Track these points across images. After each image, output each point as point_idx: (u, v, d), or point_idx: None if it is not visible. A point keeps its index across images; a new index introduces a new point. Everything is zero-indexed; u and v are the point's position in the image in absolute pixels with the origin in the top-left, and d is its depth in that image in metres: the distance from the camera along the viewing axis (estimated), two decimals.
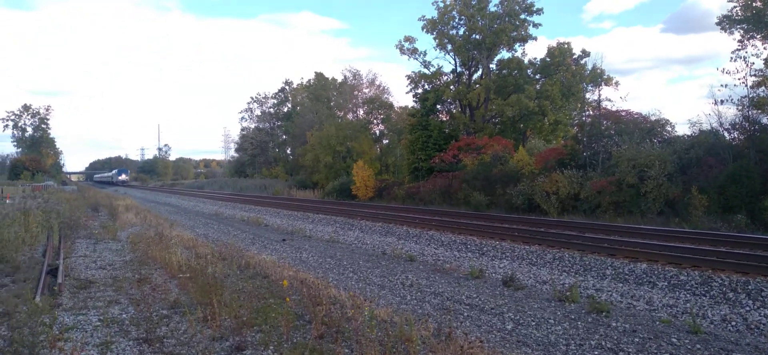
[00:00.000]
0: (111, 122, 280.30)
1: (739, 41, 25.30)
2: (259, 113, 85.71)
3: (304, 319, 7.63)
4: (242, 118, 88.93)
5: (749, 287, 9.58)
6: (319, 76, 68.11)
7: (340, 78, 65.53)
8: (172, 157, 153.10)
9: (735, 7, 25.57)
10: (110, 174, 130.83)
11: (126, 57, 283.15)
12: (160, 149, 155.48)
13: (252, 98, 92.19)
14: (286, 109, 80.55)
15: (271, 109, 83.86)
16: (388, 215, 24.08)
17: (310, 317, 7.49)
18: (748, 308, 8.85)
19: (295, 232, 21.35)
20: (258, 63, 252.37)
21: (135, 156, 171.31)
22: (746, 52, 24.67)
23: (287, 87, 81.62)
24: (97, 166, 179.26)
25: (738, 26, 25.66)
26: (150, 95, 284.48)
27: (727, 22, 26.04)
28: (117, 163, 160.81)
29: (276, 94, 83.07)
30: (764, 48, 24.73)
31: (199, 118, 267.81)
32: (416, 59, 43.65)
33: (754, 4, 24.99)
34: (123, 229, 19.72)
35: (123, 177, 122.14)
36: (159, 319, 7.69)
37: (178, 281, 10.12)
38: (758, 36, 24.88)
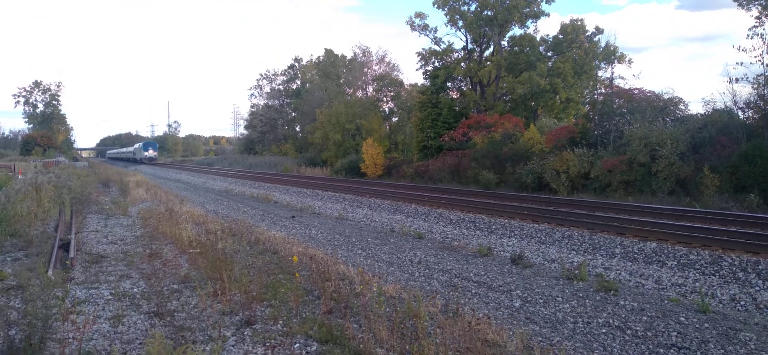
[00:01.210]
0: (121, 99, 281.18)
1: (757, 18, 24.81)
2: (269, 90, 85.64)
3: (313, 294, 7.69)
4: (252, 95, 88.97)
5: (759, 267, 9.53)
6: (329, 52, 67.79)
7: (349, 55, 65.23)
8: (182, 135, 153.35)
9: None
10: (131, 150, 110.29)
11: (136, 33, 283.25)
12: (169, 126, 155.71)
13: (261, 75, 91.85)
14: (295, 87, 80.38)
15: (281, 87, 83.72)
16: (396, 192, 24.11)
17: (319, 292, 7.56)
18: (757, 288, 8.81)
19: (304, 209, 21.44)
20: (268, 40, 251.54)
21: (145, 133, 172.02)
22: (764, 29, 24.22)
23: (297, 64, 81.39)
24: (107, 142, 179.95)
25: (756, 2, 25.16)
26: (160, 72, 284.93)
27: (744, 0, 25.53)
28: (129, 140, 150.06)
29: (285, 71, 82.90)
30: None
31: (209, 96, 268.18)
32: (427, 36, 43.36)
33: None
34: (133, 205, 19.90)
35: (150, 153, 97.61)
36: (170, 293, 7.79)
37: (189, 256, 10.22)
38: None
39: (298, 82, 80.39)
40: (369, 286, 7.77)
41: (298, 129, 77.19)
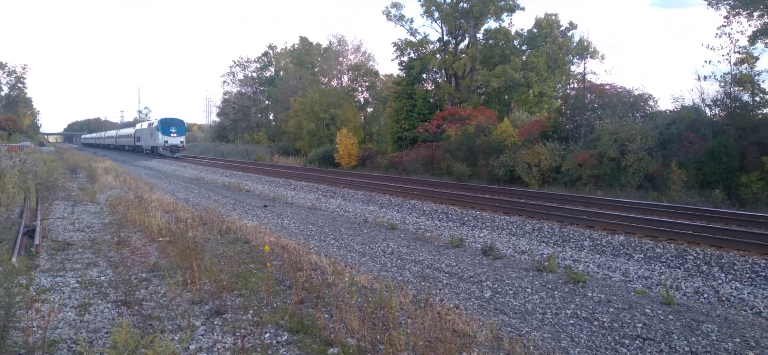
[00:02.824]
0: (89, 84, 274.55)
1: (725, 17, 25.43)
2: (242, 77, 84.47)
3: (284, 284, 7.66)
4: (224, 81, 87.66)
5: (722, 260, 9.80)
6: (304, 40, 67.23)
7: (325, 43, 64.79)
8: (153, 118, 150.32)
9: None
10: (130, 132, 72.65)
11: (106, 16, 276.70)
12: (140, 112, 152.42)
13: (234, 62, 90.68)
14: (269, 74, 79.55)
15: (254, 74, 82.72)
16: (370, 183, 24.11)
17: (290, 282, 7.53)
18: (720, 281, 9.06)
19: (277, 198, 21.30)
20: (241, 26, 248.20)
21: (115, 118, 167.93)
22: (731, 29, 24.83)
23: (271, 51, 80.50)
24: (75, 127, 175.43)
25: (724, 2, 25.76)
26: (131, 57, 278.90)
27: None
28: (98, 126, 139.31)
29: (259, 58, 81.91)
30: (749, 25, 24.89)
31: (180, 82, 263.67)
32: (403, 26, 43.33)
33: None
34: (102, 191, 19.50)
35: (173, 139, 56.23)
36: (138, 282, 7.67)
37: (158, 245, 10.07)
38: (744, 13, 25.01)
39: (272, 70, 79.57)
40: (341, 276, 7.79)
41: (271, 117, 76.50)
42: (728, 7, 25.58)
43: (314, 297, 6.88)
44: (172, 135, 55.83)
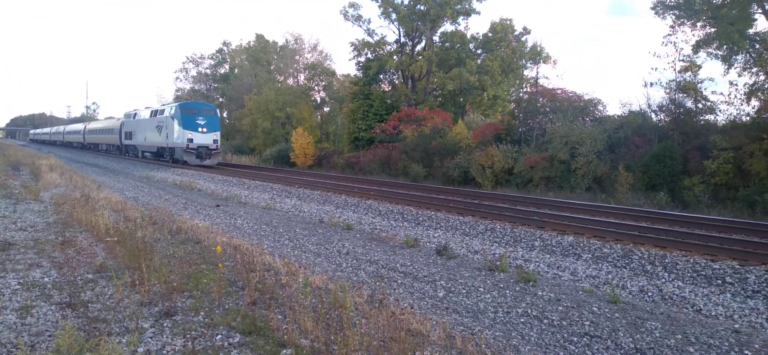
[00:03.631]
0: (34, 78, 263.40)
1: (671, 27, 26.50)
2: (195, 74, 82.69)
3: (237, 285, 7.54)
4: (177, 78, 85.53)
5: (666, 260, 10.19)
6: (260, 38, 66.37)
7: (281, 41, 64.16)
8: (101, 116, 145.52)
9: None
10: (111, 125, 53.06)
11: (51, 9, 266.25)
12: (87, 107, 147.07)
13: (187, 58, 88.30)
14: (223, 71, 78.14)
15: (208, 71, 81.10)
16: (326, 183, 24.00)
17: (243, 283, 7.42)
18: (663, 280, 9.42)
19: (230, 198, 20.96)
20: (195, 22, 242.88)
21: (61, 113, 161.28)
22: (676, 38, 25.90)
23: (226, 48, 79.08)
24: (19, 122, 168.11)
25: (670, 12, 26.83)
26: (78, 51, 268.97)
27: (660, 8, 27.18)
28: (43, 121, 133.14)
29: (214, 54, 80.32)
30: (693, 35, 26.01)
31: (131, 77, 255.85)
32: (360, 27, 43.31)
33: None
34: (46, 189, 18.75)
35: (202, 136, 34.49)
36: (84, 283, 7.41)
37: (105, 245, 9.76)
38: (688, 23, 26.12)
39: (227, 67, 78.16)
40: (295, 277, 7.72)
41: (225, 115, 75.18)
42: (674, 17, 26.67)
43: (267, 298, 6.81)
44: (200, 129, 33.83)
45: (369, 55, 42.12)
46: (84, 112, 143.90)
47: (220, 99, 76.36)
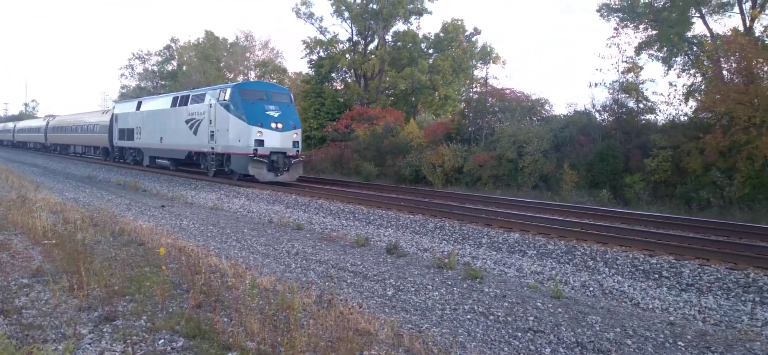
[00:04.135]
0: None
1: (615, 29, 27.51)
2: (141, 71, 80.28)
3: (181, 288, 7.38)
4: (122, 75, 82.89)
5: (607, 256, 10.55)
6: (209, 34, 64.96)
7: (231, 38, 63.06)
8: (41, 115, 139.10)
9: None
10: (102, 120, 37.11)
11: None
12: (26, 105, 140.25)
13: (133, 54, 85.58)
14: (171, 68, 76.11)
15: (155, 68, 78.87)
16: (277, 182, 23.70)
17: (188, 286, 7.26)
18: (604, 275, 9.75)
19: (176, 198, 20.47)
20: (141, 18, 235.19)
21: None
22: (620, 40, 26.89)
23: (173, 44, 77.05)
24: None
25: (614, 14, 27.84)
26: (16, 48, 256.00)
27: (605, 10, 28.16)
28: None
29: (161, 51, 78.11)
30: (635, 37, 27.07)
31: (73, 73, 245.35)
32: (312, 24, 43.05)
33: None
34: None
35: (278, 135, 21.61)
36: (18, 288, 7.10)
37: (42, 248, 9.37)
38: (631, 25, 27.17)
39: (175, 64, 76.12)
40: (242, 278, 7.62)
41: None
42: (617, 20, 27.69)
43: (213, 301, 6.68)
44: (273, 125, 21.91)
45: (321, 54, 41.90)
46: (23, 109, 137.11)
47: None
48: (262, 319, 5.83)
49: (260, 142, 21.23)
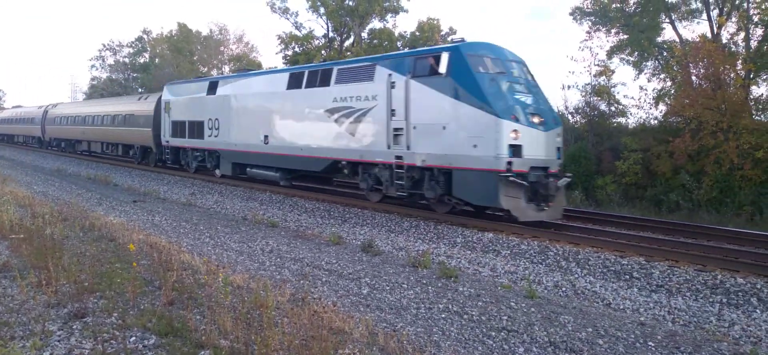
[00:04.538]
0: None
1: (587, 32, 27.96)
2: (112, 63, 78.68)
3: (153, 285, 7.28)
4: (92, 66, 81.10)
5: (579, 256, 10.70)
6: (182, 27, 63.99)
7: (205, 31, 62.27)
8: (8, 105, 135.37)
9: (586, 0, 28.15)
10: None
11: None
12: None
13: (104, 46, 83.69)
14: (143, 60, 74.80)
15: (126, 59, 77.39)
16: (253, 178, 23.47)
17: (160, 283, 7.16)
18: (576, 276, 9.89)
19: (149, 193, 20.14)
20: (113, 8, 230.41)
21: None
22: (592, 44, 27.32)
23: (145, 36, 75.71)
24: None
25: (587, 18, 28.29)
26: None
27: (578, 14, 28.61)
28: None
29: (133, 42, 76.69)
30: (607, 41, 27.54)
31: (42, 64, 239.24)
32: (287, 19, 42.77)
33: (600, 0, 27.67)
34: None
35: (539, 145, 12.38)
36: None
37: (10, 243, 9.15)
38: (603, 29, 27.63)
39: (147, 56, 74.82)
40: (215, 276, 7.55)
41: None
42: (590, 23, 28.14)
43: (185, 298, 6.61)
44: (532, 119, 12.48)
45: (296, 49, 41.62)
46: None
47: (140, 90, 73.19)
48: (235, 317, 5.78)
49: (516, 150, 12.08)
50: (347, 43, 41.72)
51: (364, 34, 41.27)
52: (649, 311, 8.30)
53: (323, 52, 40.58)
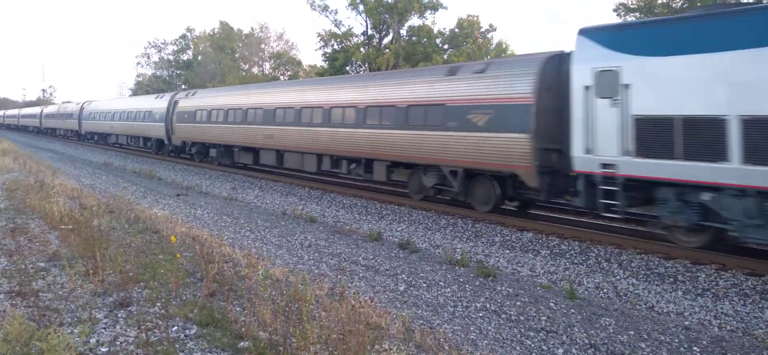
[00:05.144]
0: None
1: None
2: (157, 60, 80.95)
3: (195, 276, 7.43)
4: (138, 63, 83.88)
5: (622, 257, 10.45)
6: (225, 25, 65.33)
7: (246, 29, 63.34)
8: (58, 101, 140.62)
9: None
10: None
11: None
12: (44, 91, 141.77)
13: (150, 43, 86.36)
14: (186, 58, 76.65)
15: (171, 57, 79.45)
16: (291, 173, 23.78)
17: (201, 274, 7.31)
18: (619, 277, 9.66)
19: (191, 187, 20.60)
20: (158, 7, 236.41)
21: (16, 97, 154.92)
22: None
23: (189, 34, 77.57)
24: None
25: (631, 14, 27.57)
26: (34, 35, 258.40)
27: (622, 10, 27.90)
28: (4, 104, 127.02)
29: (177, 40, 78.73)
30: None
31: (90, 61, 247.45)
32: (327, 17, 43.19)
33: None
34: None
35: None
36: (35, 271, 7.21)
37: (59, 233, 9.49)
38: None
39: (190, 54, 76.70)
40: (255, 269, 7.66)
41: None
42: (635, 19, 27.37)
43: (226, 290, 6.73)
44: None
45: (335, 47, 41.94)
46: (40, 95, 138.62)
47: (183, 86, 75.01)
48: (274, 309, 5.86)
49: None
50: (386, 40, 41.78)
51: (403, 31, 41.24)
52: (694, 316, 8.04)
53: (362, 49, 40.73)
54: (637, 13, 27.26)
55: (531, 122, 12.21)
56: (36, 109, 68.91)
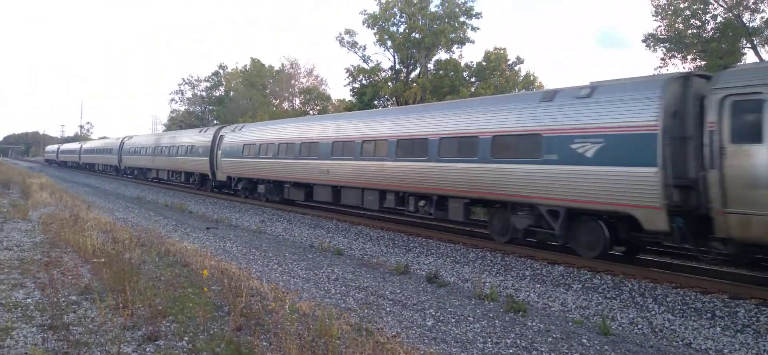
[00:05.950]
0: (26, 97, 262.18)
1: (662, 59, 26.97)
2: (190, 96, 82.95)
3: (223, 310, 7.44)
4: (172, 99, 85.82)
5: (656, 292, 10.14)
6: (256, 62, 66.73)
7: (277, 66, 64.58)
8: (95, 136, 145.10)
9: (659, 26, 27.21)
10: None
11: (46, 29, 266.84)
12: (81, 127, 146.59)
13: (183, 80, 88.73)
14: (218, 94, 78.37)
15: (203, 93, 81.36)
16: (319, 206, 23.89)
17: (229, 308, 7.32)
18: (654, 313, 9.35)
19: (221, 220, 20.84)
20: (191, 45, 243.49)
21: (55, 133, 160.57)
22: (667, 70, 26.30)
23: (221, 71, 79.46)
24: (12, 140, 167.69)
25: (661, 45, 27.33)
26: (72, 72, 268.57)
27: (651, 41, 27.68)
28: (37, 140, 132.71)
29: (209, 77, 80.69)
30: (683, 67, 26.40)
31: (125, 98, 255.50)
32: (355, 53, 43.72)
33: (676, 25, 26.65)
34: (35, 208, 18.61)
35: None
36: (67, 305, 7.30)
37: (92, 266, 9.64)
38: (678, 55, 26.58)
39: (222, 90, 78.44)
40: (282, 302, 7.63)
41: None
42: (664, 50, 27.15)
43: (253, 324, 6.71)
44: None
45: (364, 81, 42.44)
46: (78, 131, 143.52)
47: (215, 122, 76.54)
48: (300, 344, 5.80)
49: None
50: (413, 74, 42.11)
51: (430, 66, 41.55)
52: (734, 353, 7.71)
53: (390, 83, 41.10)
54: (666, 44, 26.99)
55: (658, 154, 10.52)
56: (75, 145, 70.33)
